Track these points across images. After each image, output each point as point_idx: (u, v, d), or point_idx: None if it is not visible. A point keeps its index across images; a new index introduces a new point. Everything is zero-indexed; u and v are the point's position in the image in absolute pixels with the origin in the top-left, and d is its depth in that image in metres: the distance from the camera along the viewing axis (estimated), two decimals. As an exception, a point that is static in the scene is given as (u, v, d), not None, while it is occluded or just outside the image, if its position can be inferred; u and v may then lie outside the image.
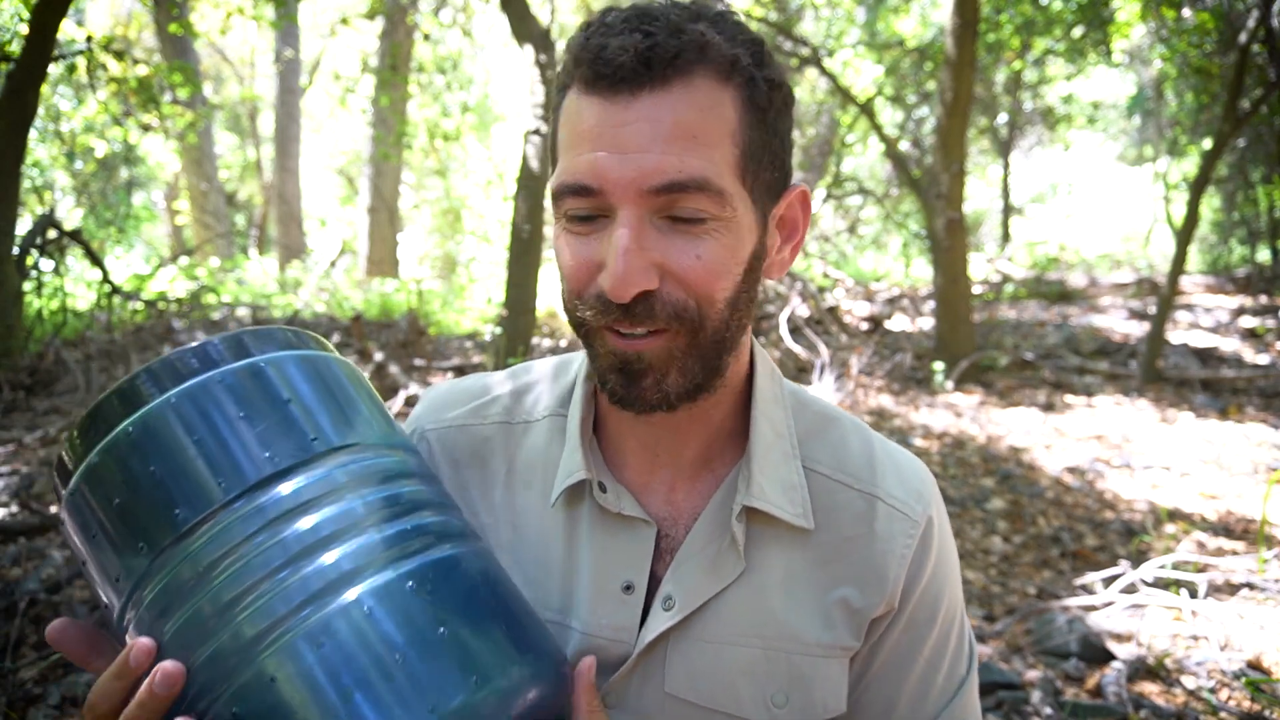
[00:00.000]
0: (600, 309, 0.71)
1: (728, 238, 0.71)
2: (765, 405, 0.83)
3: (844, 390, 5.74)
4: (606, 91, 0.68)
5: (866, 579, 0.80)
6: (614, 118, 0.68)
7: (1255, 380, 6.40)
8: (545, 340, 7.17)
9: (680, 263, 0.70)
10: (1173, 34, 8.60)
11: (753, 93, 0.71)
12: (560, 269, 0.75)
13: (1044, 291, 9.75)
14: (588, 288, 0.72)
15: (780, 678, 0.78)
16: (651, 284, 0.69)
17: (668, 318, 0.70)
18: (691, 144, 0.68)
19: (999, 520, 4.01)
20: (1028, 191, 16.81)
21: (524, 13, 5.54)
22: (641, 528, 0.80)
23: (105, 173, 11.40)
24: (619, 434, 0.84)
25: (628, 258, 0.68)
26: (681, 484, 0.83)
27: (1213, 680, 2.54)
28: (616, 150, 0.68)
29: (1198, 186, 6.42)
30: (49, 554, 3.11)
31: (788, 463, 0.82)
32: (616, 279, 0.68)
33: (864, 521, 0.81)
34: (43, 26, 4.62)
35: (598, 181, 0.68)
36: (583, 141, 0.69)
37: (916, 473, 0.85)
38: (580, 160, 0.69)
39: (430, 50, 11.09)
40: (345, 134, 17.42)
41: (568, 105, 0.73)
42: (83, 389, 5.21)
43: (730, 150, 0.70)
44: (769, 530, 0.80)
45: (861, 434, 0.87)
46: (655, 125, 0.67)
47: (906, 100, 10.53)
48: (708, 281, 0.71)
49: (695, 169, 0.68)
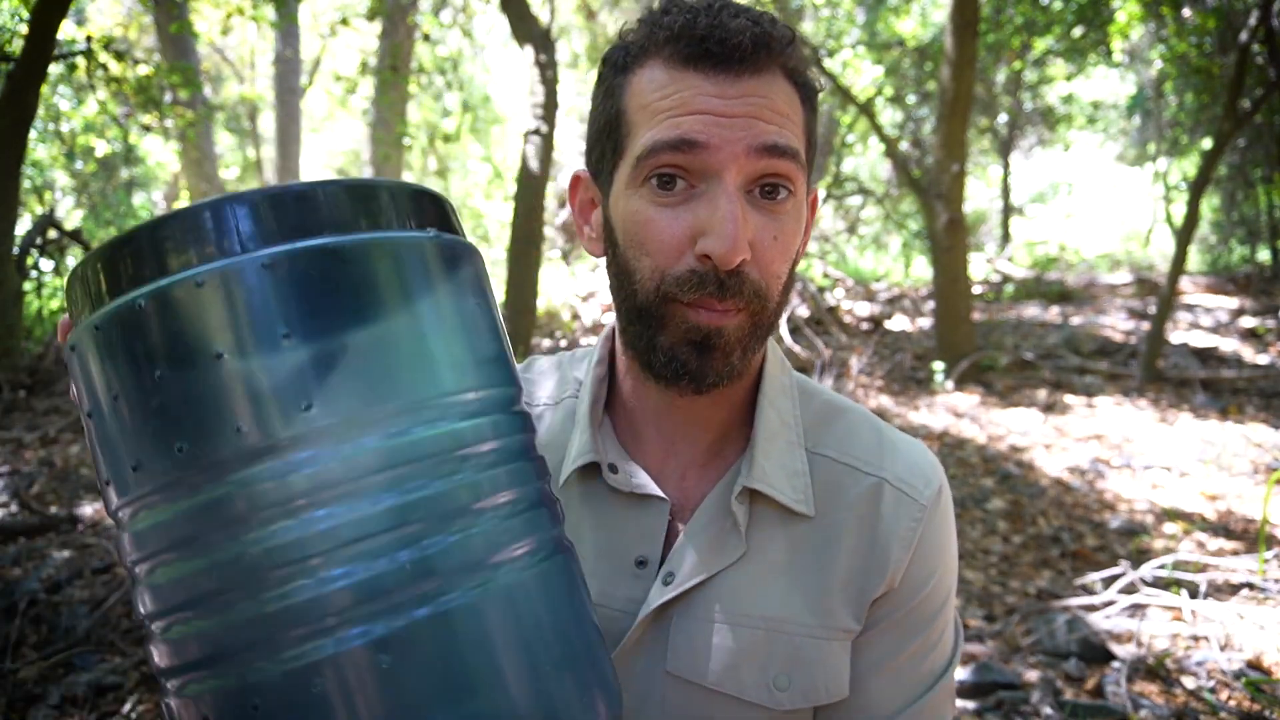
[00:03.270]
0: (695, 282, 0.70)
1: (796, 221, 0.75)
2: (773, 394, 0.84)
3: (844, 390, 5.74)
4: (709, 69, 0.70)
5: (870, 562, 0.80)
6: (718, 90, 0.70)
7: (1255, 380, 6.40)
8: (545, 340, 7.17)
9: (763, 240, 0.72)
10: (1173, 34, 8.60)
11: (810, 95, 0.77)
12: (640, 243, 0.73)
13: (1044, 291, 9.75)
14: (679, 260, 0.71)
15: (782, 660, 0.78)
16: (749, 255, 0.71)
17: (749, 294, 0.72)
18: (784, 121, 0.72)
19: (999, 520, 4.01)
20: (1028, 191, 16.80)
21: (524, 13, 5.54)
22: (655, 503, 0.81)
23: (105, 173, 11.39)
24: (639, 420, 0.85)
25: (738, 224, 0.69)
26: (693, 470, 0.84)
27: (1213, 680, 2.54)
28: (724, 115, 0.70)
29: (1198, 186, 6.42)
30: (49, 554, 3.11)
31: (792, 451, 0.82)
32: (729, 243, 0.68)
33: (869, 503, 0.81)
34: (43, 26, 4.62)
35: (706, 136, 0.69)
36: (683, 106, 0.70)
37: (925, 458, 0.86)
38: (684, 120, 0.70)
39: (430, 50, 11.09)
40: (345, 134, 17.42)
41: (647, 78, 0.73)
42: (83, 389, 5.21)
43: (802, 139, 0.75)
44: (773, 514, 0.81)
45: (870, 422, 0.88)
46: (756, 102, 0.70)
47: (906, 100, 10.52)
48: (779, 261, 0.73)
49: (790, 140, 0.72)
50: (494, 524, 0.53)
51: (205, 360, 0.47)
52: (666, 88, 0.71)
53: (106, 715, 2.28)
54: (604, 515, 0.82)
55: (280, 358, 0.47)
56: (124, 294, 0.48)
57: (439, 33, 10.76)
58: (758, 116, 0.70)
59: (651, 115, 0.72)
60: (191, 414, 0.47)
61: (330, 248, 0.50)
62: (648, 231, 0.72)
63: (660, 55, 0.72)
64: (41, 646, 2.52)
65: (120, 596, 2.71)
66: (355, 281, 0.50)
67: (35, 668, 2.40)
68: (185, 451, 0.47)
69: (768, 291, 0.73)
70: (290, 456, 0.47)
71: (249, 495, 0.47)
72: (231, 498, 0.47)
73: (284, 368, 0.47)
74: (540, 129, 5.59)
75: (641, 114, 0.73)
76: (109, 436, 0.50)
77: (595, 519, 0.82)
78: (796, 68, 0.74)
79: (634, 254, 0.74)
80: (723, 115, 0.70)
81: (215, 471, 0.47)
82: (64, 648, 2.50)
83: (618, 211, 0.75)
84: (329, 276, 0.49)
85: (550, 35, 5.75)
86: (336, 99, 10.93)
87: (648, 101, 0.72)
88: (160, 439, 0.48)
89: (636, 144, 0.72)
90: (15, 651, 2.48)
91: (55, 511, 3.46)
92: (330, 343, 0.49)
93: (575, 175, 0.83)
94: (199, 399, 0.47)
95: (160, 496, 0.49)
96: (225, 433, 0.47)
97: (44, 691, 2.32)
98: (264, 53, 15.31)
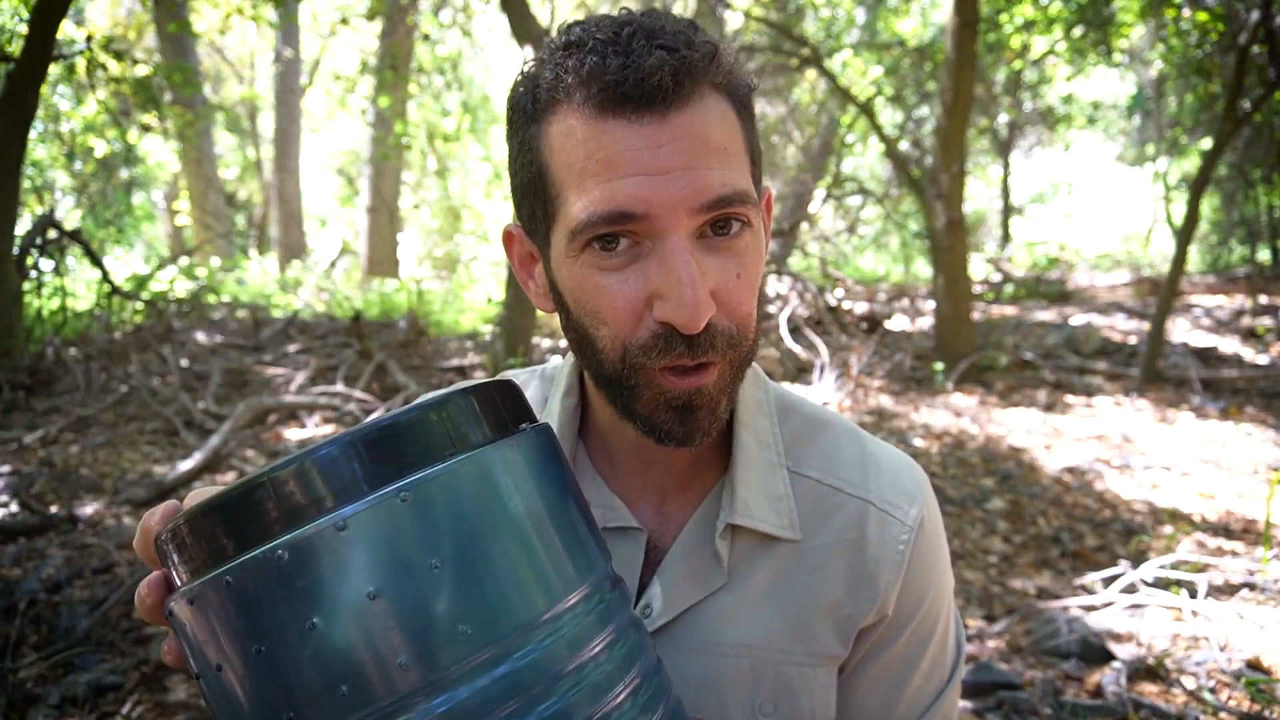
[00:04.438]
0: (661, 348, 0.66)
1: (755, 252, 0.69)
2: (748, 416, 0.81)
3: (844, 390, 5.74)
4: (634, 114, 0.63)
5: (857, 586, 0.79)
6: (646, 140, 0.63)
7: (1255, 380, 6.40)
8: (545, 340, 7.17)
9: (726, 284, 0.66)
10: (1172, 34, 8.60)
11: (744, 100, 0.69)
12: (594, 313, 0.68)
13: (1044, 291, 9.75)
14: (639, 326, 0.66)
15: (767, 687, 0.77)
16: (713, 310, 0.65)
17: (722, 346, 0.67)
18: (724, 157, 0.65)
19: (999, 520, 4.01)
20: (1028, 191, 16.81)
21: (524, 13, 5.54)
22: (633, 534, 0.80)
23: (105, 173, 11.39)
24: (615, 448, 0.83)
25: (695, 286, 0.63)
26: (672, 494, 0.82)
27: (1213, 680, 2.54)
28: (658, 172, 0.63)
29: (1198, 186, 6.42)
30: (49, 554, 3.11)
31: (773, 473, 0.80)
32: (689, 308, 0.63)
33: (855, 527, 0.80)
34: (43, 26, 4.62)
35: (643, 207, 0.63)
36: (612, 168, 0.63)
37: (910, 474, 0.84)
38: (617, 186, 0.63)
39: (430, 50, 11.09)
40: (345, 134, 17.42)
41: (569, 131, 0.65)
42: (83, 389, 5.21)
43: (745, 159, 0.68)
44: (756, 541, 0.79)
45: (853, 437, 0.85)
46: (691, 143, 0.63)
47: (906, 100, 10.53)
48: (747, 300, 0.68)
49: (734, 181, 0.65)
50: (628, 708, 0.55)
51: (359, 602, 0.48)
52: (589, 144, 0.64)
53: (106, 715, 2.28)
54: None
55: (434, 587, 0.49)
56: (256, 547, 0.48)
57: (439, 32, 10.76)
58: (695, 163, 0.63)
59: (579, 178, 0.65)
60: (353, 656, 0.48)
61: (447, 470, 0.51)
62: (599, 300, 0.67)
63: (572, 103, 0.65)
64: (41, 646, 2.52)
65: (120, 596, 2.71)
66: (471, 504, 0.52)
67: (35, 668, 2.40)
68: (348, 695, 0.48)
69: (741, 333, 0.69)
70: (458, 684, 0.49)
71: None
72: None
73: (439, 596, 0.49)
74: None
75: (567, 174, 0.66)
76: (249, 690, 0.49)
77: None
78: (725, 81, 0.67)
79: (590, 322, 0.69)
80: (657, 172, 0.63)
81: (383, 710, 0.48)
82: (64, 648, 2.50)
83: (562, 276, 0.70)
84: (449, 502, 0.51)
85: (550, 35, 5.75)
86: (336, 99, 10.92)
87: (571, 161, 0.65)
88: (321, 685, 0.48)
89: (569, 213, 0.66)
90: (15, 651, 2.48)
91: (55, 511, 3.46)
92: (470, 565, 0.50)
93: (507, 231, 0.78)
94: (359, 641, 0.48)
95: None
96: (391, 670, 0.48)
97: (44, 691, 2.32)
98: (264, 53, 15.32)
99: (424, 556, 0.49)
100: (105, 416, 4.87)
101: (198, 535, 0.50)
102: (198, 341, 6.76)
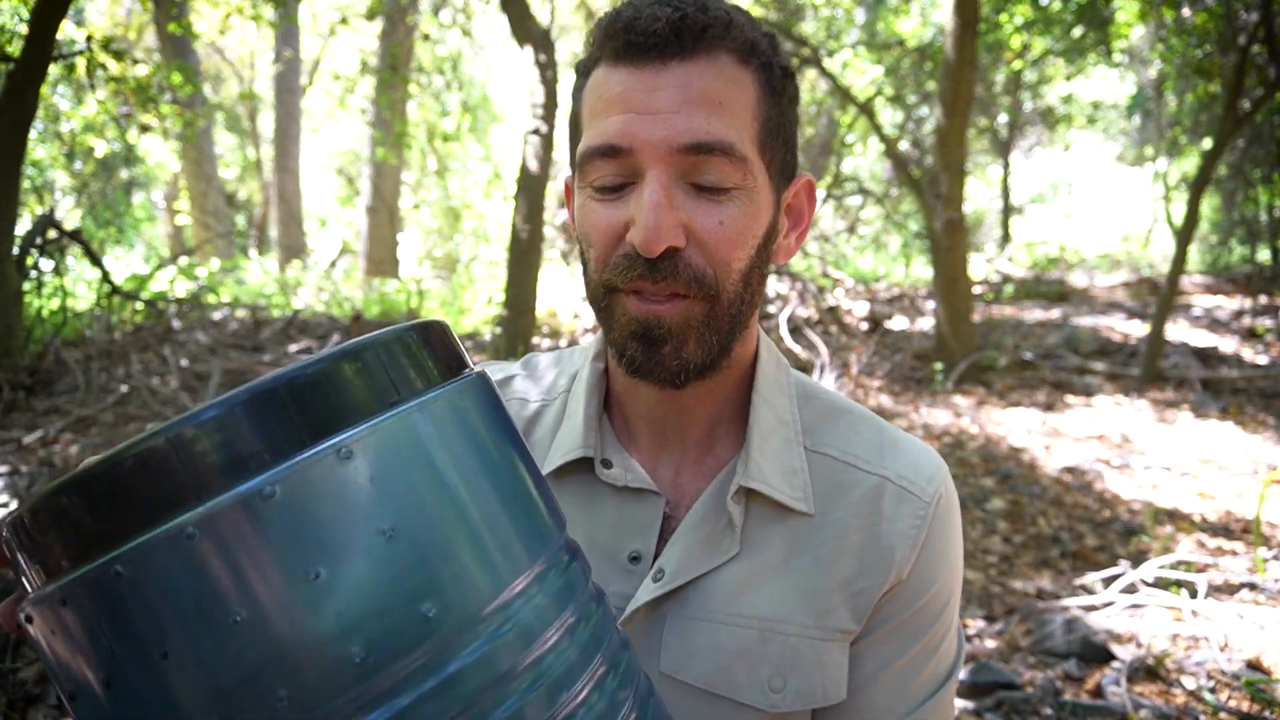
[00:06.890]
0: (626, 267, 0.72)
1: (749, 207, 0.73)
2: (767, 390, 0.83)
3: (844, 390, 5.74)
4: (637, 60, 0.71)
5: (872, 561, 0.78)
6: (643, 83, 0.70)
7: (1255, 380, 6.40)
8: (545, 340, 7.17)
9: (704, 225, 0.71)
10: (1172, 34, 8.60)
11: (769, 76, 0.74)
12: (586, 236, 0.76)
13: (1044, 291, 9.75)
14: (615, 249, 0.73)
15: (777, 661, 0.77)
16: (679, 241, 0.70)
17: (688, 281, 0.71)
18: (717, 109, 0.70)
19: (999, 520, 4.01)
20: (1028, 191, 16.79)
21: (524, 13, 5.54)
22: (650, 498, 0.80)
23: (105, 173, 11.40)
24: (632, 413, 0.84)
25: (658, 211, 0.69)
26: (688, 466, 0.83)
27: (1213, 680, 2.54)
28: (646, 112, 0.69)
29: (1198, 186, 6.42)
30: (49, 554, 3.11)
31: (789, 448, 0.81)
32: (648, 231, 0.69)
33: (871, 502, 0.80)
34: (43, 26, 4.62)
35: (627, 141, 0.70)
36: (611, 106, 0.71)
37: (927, 456, 0.84)
38: (609, 122, 0.71)
39: (430, 50, 11.08)
40: (345, 134, 17.41)
41: (594, 81, 0.74)
42: (83, 389, 5.21)
43: (751, 123, 0.72)
44: (770, 513, 0.79)
45: (872, 423, 0.86)
46: (684, 90, 0.69)
47: (906, 100, 10.52)
48: (727, 248, 0.72)
49: (721, 132, 0.70)
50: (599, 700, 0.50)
51: (298, 586, 0.40)
52: (600, 88, 0.73)
53: (106, 715, 2.28)
54: (597, 510, 0.81)
55: (378, 567, 0.41)
56: (156, 525, 0.39)
57: (439, 32, 10.76)
58: (684, 109, 0.69)
59: (589, 119, 0.74)
60: (297, 650, 0.40)
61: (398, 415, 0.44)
62: (590, 224, 0.75)
63: (604, 53, 0.73)
64: (41, 646, 2.52)
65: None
66: (435, 453, 0.45)
67: (35, 668, 2.40)
68: (286, 702, 0.40)
69: (716, 279, 0.72)
70: (399, 692, 0.42)
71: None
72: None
73: (385, 576, 0.41)
74: (540, 129, 5.59)
75: (586, 116, 0.75)
76: (150, 705, 0.40)
77: (588, 514, 0.81)
78: (747, 50, 0.73)
79: (585, 246, 0.77)
80: (646, 112, 0.69)
81: (338, 704, 0.41)
82: (64, 648, 2.50)
83: (575, 205, 0.78)
84: (393, 462, 0.43)
85: (550, 35, 5.75)
86: (336, 99, 10.92)
87: (591, 103, 0.74)
88: (250, 691, 0.39)
89: (581, 145, 0.74)
90: (15, 651, 2.48)
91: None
92: (425, 534, 0.43)
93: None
94: (294, 636, 0.40)
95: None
96: (335, 667, 0.40)
97: (44, 692, 2.32)
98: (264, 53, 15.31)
99: (368, 527, 0.41)
100: (105, 416, 4.87)
101: (65, 517, 0.40)
102: (198, 341, 6.76)
